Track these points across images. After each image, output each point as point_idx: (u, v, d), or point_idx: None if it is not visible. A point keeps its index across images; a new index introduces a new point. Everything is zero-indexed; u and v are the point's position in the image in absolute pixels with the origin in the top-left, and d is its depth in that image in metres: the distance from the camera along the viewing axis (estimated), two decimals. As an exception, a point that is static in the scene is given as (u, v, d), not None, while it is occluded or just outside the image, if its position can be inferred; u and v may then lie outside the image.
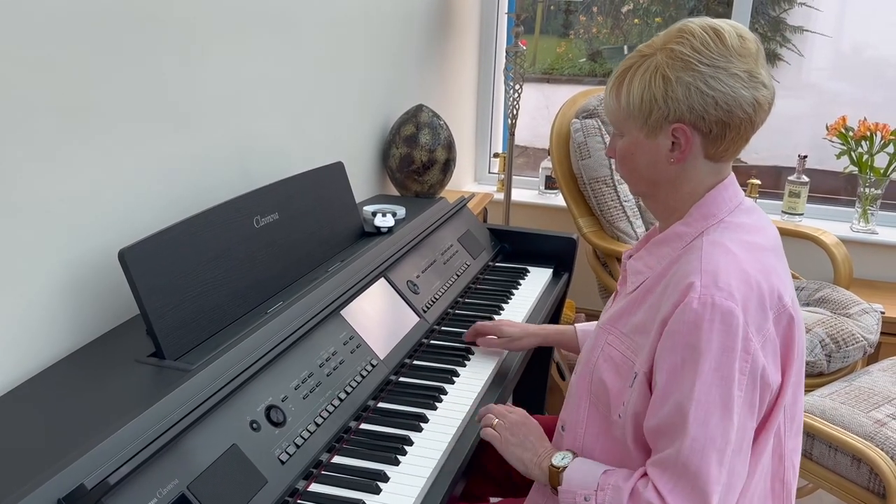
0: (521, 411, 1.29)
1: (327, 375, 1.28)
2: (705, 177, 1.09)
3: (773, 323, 1.02)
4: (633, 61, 1.08)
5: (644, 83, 1.05)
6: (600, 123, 2.49)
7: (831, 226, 2.75)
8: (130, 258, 1.16)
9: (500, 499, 1.50)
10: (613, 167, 2.48)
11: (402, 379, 1.44)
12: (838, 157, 2.76)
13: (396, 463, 1.19)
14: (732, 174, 1.13)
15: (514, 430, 1.23)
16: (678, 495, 0.99)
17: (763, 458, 1.07)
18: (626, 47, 3.53)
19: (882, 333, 2.34)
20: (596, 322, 1.47)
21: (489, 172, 3.38)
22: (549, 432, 1.26)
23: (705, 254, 1.03)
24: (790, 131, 3.19)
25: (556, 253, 2.05)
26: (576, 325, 1.52)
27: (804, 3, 3.09)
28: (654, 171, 1.09)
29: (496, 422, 1.25)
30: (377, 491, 1.12)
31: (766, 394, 1.02)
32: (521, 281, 1.93)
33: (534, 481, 1.23)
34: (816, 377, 2.13)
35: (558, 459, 1.15)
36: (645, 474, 1.04)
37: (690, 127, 1.04)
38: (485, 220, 2.85)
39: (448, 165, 2.29)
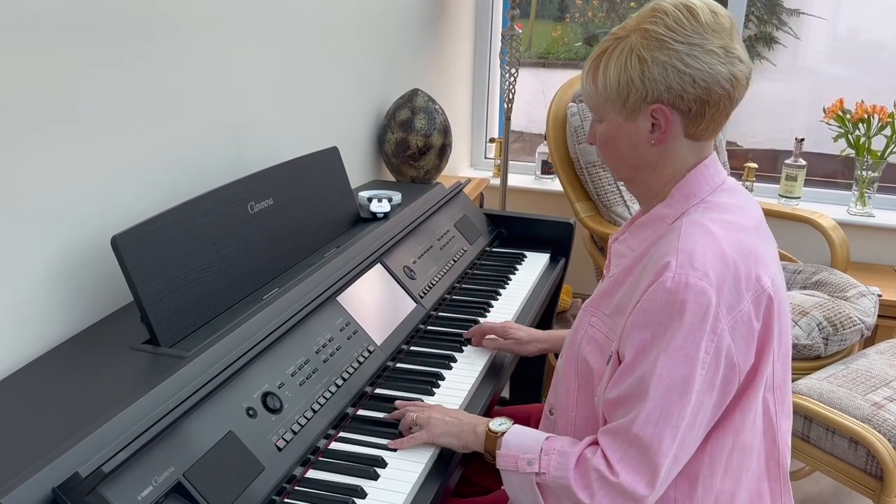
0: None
1: (324, 362, 1.27)
2: (686, 156, 1.08)
3: (752, 304, 1.01)
4: (608, 44, 1.07)
5: (620, 65, 1.04)
6: (597, 107, 2.47)
7: (828, 209, 2.74)
8: (123, 245, 1.15)
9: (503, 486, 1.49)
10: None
11: (399, 365, 1.43)
12: (835, 139, 2.75)
13: (394, 449, 1.18)
14: (714, 153, 1.12)
15: (434, 411, 1.21)
16: (627, 464, 0.99)
17: (742, 436, 1.07)
18: (622, 31, 3.50)
19: (879, 316, 2.34)
20: None
21: (485, 157, 3.36)
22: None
23: (683, 234, 1.03)
24: (787, 114, 3.18)
25: (553, 238, 2.04)
26: None
27: (801, -15, 3.08)
28: (636, 155, 1.09)
29: (415, 415, 1.20)
30: (375, 477, 1.12)
31: (731, 374, 1.01)
32: (518, 266, 1.92)
33: None
34: (814, 360, 2.13)
35: (496, 424, 1.14)
36: (594, 442, 1.04)
37: (669, 107, 1.03)
38: (481, 206, 2.83)
39: (444, 150, 2.28)
